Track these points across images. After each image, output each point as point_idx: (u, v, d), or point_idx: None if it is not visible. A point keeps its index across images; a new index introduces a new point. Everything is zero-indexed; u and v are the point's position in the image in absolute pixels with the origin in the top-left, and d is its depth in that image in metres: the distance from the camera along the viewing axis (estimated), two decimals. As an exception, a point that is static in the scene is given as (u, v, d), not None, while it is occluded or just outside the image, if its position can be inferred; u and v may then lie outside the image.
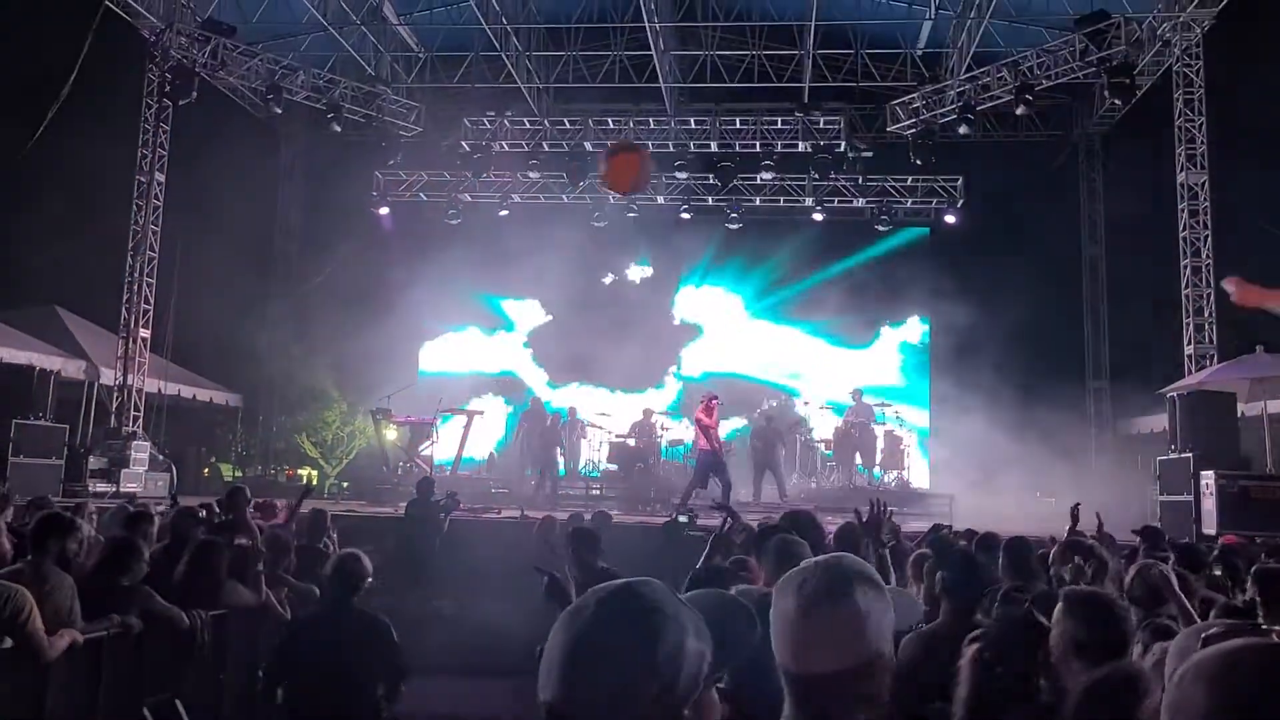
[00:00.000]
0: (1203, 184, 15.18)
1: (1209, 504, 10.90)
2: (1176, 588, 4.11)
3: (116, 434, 16.20)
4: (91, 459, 14.87)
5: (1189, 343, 15.06)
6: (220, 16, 16.97)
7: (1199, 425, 11.89)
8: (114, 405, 17.03)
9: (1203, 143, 15.17)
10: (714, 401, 14.46)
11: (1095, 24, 15.25)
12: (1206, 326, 15.01)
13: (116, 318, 17.48)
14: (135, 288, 17.40)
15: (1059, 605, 2.96)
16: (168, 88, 16.61)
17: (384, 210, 20.84)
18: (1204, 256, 15.12)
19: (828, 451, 17.58)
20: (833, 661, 1.60)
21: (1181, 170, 15.23)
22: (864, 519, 3.95)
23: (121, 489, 14.58)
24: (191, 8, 17.30)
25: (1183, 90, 15.30)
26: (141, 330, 17.41)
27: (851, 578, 1.66)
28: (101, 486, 14.35)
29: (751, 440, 16.14)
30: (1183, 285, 15.19)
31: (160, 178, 17.56)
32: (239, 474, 19.39)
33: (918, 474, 17.72)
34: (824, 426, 18.32)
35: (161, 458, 16.46)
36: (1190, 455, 11.56)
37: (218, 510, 7.86)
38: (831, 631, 1.61)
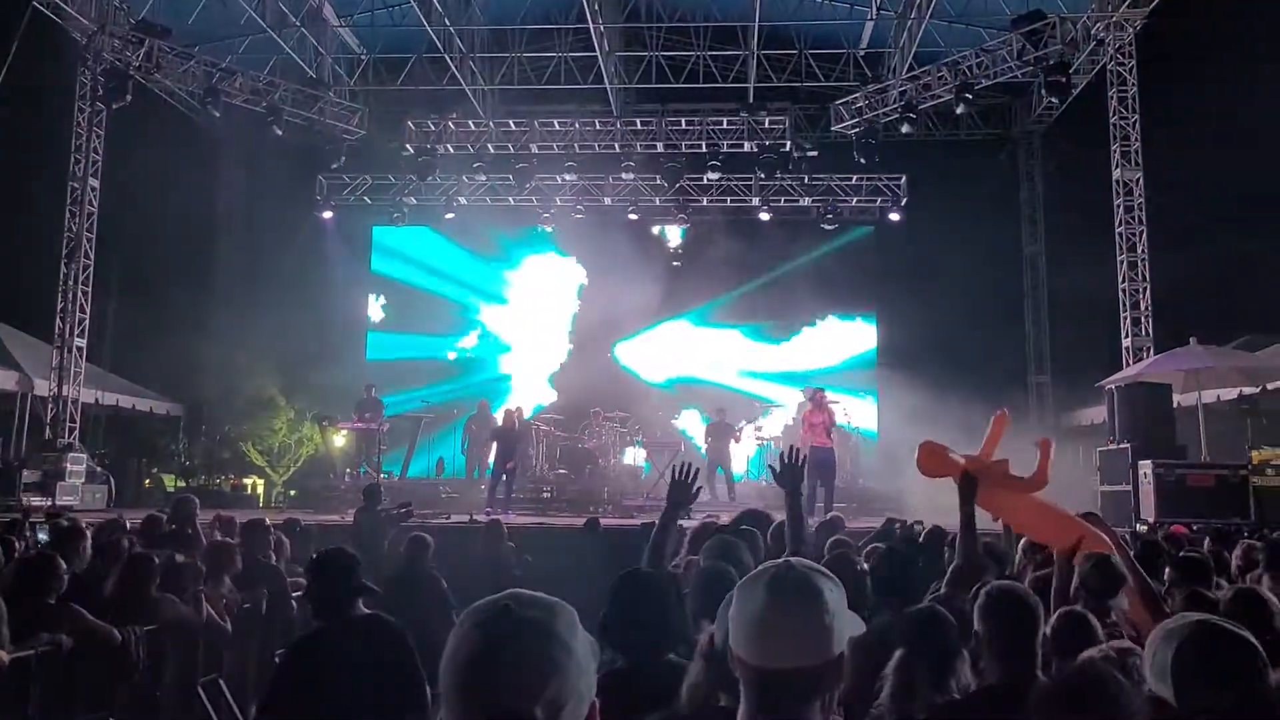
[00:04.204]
0: (1137, 180, 15.50)
1: (1147, 493, 11.14)
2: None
3: (51, 446, 15.76)
4: (25, 472, 14.48)
5: (1126, 336, 15.37)
6: (154, 18, 16.54)
7: (1137, 416, 12.13)
8: (49, 417, 16.59)
9: (1137, 140, 15.50)
10: (821, 394, 13.61)
11: (1031, 24, 15.50)
12: (1143, 320, 15.34)
13: (51, 327, 17.02)
14: (70, 296, 16.95)
15: (979, 601, 3.00)
16: (101, 91, 16.22)
17: (327, 214, 20.58)
18: (1140, 251, 15.45)
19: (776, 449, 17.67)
20: (799, 658, 1.61)
21: (1117, 167, 15.55)
22: (778, 469, 4.05)
23: (57, 502, 14.19)
24: (125, 9, 16.88)
25: (1116, 88, 15.62)
26: (77, 339, 16.96)
27: (822, 577, 1.69)
28: (36, 500, 13.95)
29: (705, 437, 16.15)
30: (1119, 280, 15.51)
31: (94, 183, 17.12)
32: (182, 484, 18.94)
33: (866, 471, 17.83)
34: (774, 425, 18.48)
35: (99, 470, 16.06)
36: (1128, 446, 11.79)
37: (166, 521, 7.69)
38: (801, 628, 1.62)
